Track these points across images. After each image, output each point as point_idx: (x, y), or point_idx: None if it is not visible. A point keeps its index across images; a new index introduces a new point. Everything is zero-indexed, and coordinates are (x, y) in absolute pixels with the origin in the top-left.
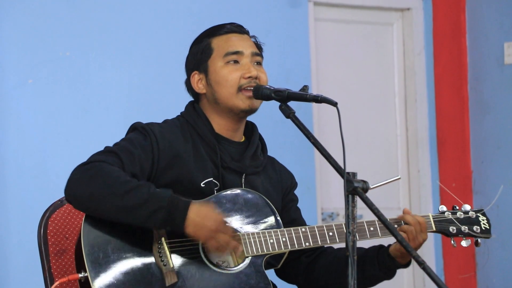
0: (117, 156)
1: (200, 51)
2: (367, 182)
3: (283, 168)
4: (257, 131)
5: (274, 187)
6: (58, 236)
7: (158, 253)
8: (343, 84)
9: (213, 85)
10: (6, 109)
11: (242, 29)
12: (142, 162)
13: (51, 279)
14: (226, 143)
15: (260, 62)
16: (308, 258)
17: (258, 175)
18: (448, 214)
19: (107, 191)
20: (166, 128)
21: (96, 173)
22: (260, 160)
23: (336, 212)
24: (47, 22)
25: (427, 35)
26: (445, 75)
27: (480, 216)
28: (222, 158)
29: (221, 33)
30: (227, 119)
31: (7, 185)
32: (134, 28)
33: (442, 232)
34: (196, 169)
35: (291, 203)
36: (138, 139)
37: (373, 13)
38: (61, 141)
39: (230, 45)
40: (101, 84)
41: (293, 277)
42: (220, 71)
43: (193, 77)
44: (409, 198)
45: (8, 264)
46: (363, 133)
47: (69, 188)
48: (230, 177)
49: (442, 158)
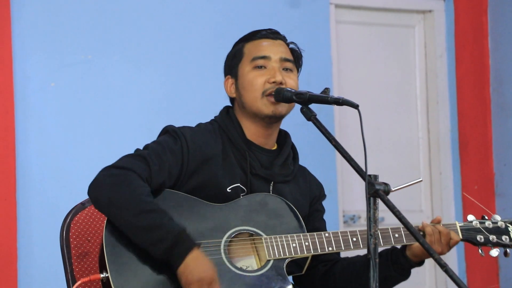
0: (146, 163)
1: (233, 55)
2: (388, 184)
3: (313, 178)
4: (290, 140)
5: (302, 195)
6: (80, 239)
7: None
8: (364, 86)
9: (240, 89)
10: (29, 112)
11: (277, 35)
12: (171, 167)
13: (73, 281)
14: (257, 150)
15: (290, 68)
16: (325, 266)
17: (287, 184)
18: (476, 223)
19: (125, 204)
20: (198, 132)
21: (121, 183)
22: (290, 169)
23: (357, 214)
24: (69, 26)
25: (449, 37)
26: (467, 77)
27: (510, 226)
28: (251, 164)
29: (255, 38)
30: (256, 124)
31: (29, 188)
32: (155, 31)
33: (469, 240)
34: (224, 174)
35: (317, 213)
36: (168, 143)
37: (394, 15)
38: (83, 143)
39: (259, 50)
40: (122, 87)
41: (309, 284)
42: (247, 75)
43: (227, 81)
44: (431, 200)
45: (31, 267)
46: (385, 135)
47: (93, 187)
48: (258, 183)
49: (464, 160)
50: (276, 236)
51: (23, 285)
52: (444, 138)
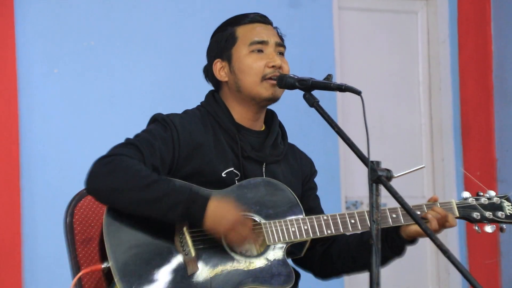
0: (137, 148)
1: (224, 39)
2: (391, 170)
3: (303, 155)
4: (277, 119)
5: (295, 175)
6: (84, 225)
7: (180, 243)
8: (367, 73)
9: (237, 72)
10: (32, 99)
11: (266, 19)
12: (162, 154)
13: (77, 266)
14: (246, 132)
15: (282, 52)
16: (322, 246)
17: (279, 164)
18: (472, 200)
19: (127, 185)
20: (187, 118)
21: (116, 167)
22: (281, 149)
23: (360, 200)
24: (72, 13)
25: (452, 24)
26: (469, 64)
27: (505, 202)
28: (242, 147)
29: (246, 22)
30: (248, 107)
31: (33, 175)
32: (158, 19)
33: (466, 218)
34: (217, 159)
35: (310, 191)
36: (158, 131)
37: (397, 2)
38: (86, 130)
39: (256, 34)
40: (125, 74)
41: (308, 265)
42: (244, 59)
43: (216, 65)
44: (433, 186)
45: (35, 254)
46: (387, 122)
47: (90, 181)
48: (251, 166)
49: (467, 146)
50: (275, 221)
51: (28, 273)
52: (446, 125)
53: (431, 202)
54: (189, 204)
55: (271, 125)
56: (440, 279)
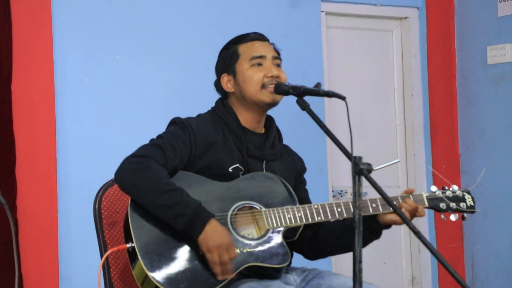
0: (162, 150)
1: (229, 56)
2: (371, 164)
3: (295, 155)
4: (275, 124)
5: (289, 171)
6: (110, 210)
7: None
8: (350, 81)
9: (241, 84)
10: (67, 103)
11: (263, 37)
12: (182, 153)
13: (105, 246)
14: (250, 134)
15: (279, 64)
16: (311, 231)
17: (276, 161)
18: (439, 193)
19: (147, 187)
20: (201, 121)
21: (142, 168)
22: (277, 148)
23: (344, 190)
24: (102, 30)
25: (422, 40)
26: (437, 74)
27: (466, 195)
28: (247, 147)
29: (246, 41)
30: (252, 112)
31: (67, 169)
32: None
33: (434, 208)
34: (225, 156)
35: (301, 185)
36: (178, 132)
37: (376, 22)
38: (113, 131)
39: (255, 50)
40: (146, 83)
41: (299, 247)
42: (246, 72)
43: (223, 79)
44: (406, 178)
45: (70, 235)
46: (368, 123)
47: (119, 174)
48: (253, 163)
49: (435, 144)
50: (274, 209)
51: (63, 251)
52: (417, 125)
53: (405, 194)
54: (193, 217)
55: (270, 128)
56: (412, 256)
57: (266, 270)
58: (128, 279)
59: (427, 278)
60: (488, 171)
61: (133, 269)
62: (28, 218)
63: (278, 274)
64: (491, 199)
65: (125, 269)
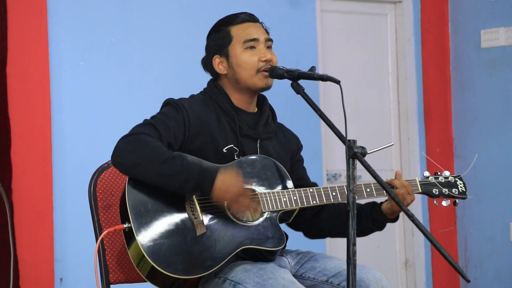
0: (155, 128)
1: (221, 38)
2: (365, 148)
3: (290, 132)
4: (267, 102)
5: (284, 150)
6: (105, 193)
7: (190, 209)
8: (345, 65)
9: (235, 67)
10: (62, 87)
11: (254, 17)
12: (175, 132)
13: (100, 228)
14: (243, 114)
15: (270, 46)
16: (313, 210)
17: (270, 140)
18: (432, 179)
19: (147, 160)
20: (194, 102)
21: (138, 144)
22: (271, 127)
23: (338, 173)
24: (96, 14)
25: (416, 24)
26: (431, 58)
27: (458, 181)
28: (240, 126)
29: (238, 22)
30: (244, 94)
31: (63, 151)
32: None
33: (427, 193)
34: (219, 137)
35: (298, 163)
36: (171, 112)
37: (370, 5)
38: (108, 114)
39: (248, 33)
40: (141, 66)
41: (299, 225)
42: (240, 55)
43: (215, 60)
44: (400, 161)
45: (65, 217)
46: (362, 106)
47: (115, 156)
48: (247, 143)
49: (428, 128)
50: (270, 192)
51: (58, 234)
52: (411, 109)
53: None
54: (199, 180)
55: (263, 107)
56: (406, 239)
57: (261, 252)
58: (123, 261)
59: (420, 261)
60: (481, 155)
61: (129, 250)
62: (24, 201)
63: (273, 257)
64: (484, 183)
65: (121, 251)
